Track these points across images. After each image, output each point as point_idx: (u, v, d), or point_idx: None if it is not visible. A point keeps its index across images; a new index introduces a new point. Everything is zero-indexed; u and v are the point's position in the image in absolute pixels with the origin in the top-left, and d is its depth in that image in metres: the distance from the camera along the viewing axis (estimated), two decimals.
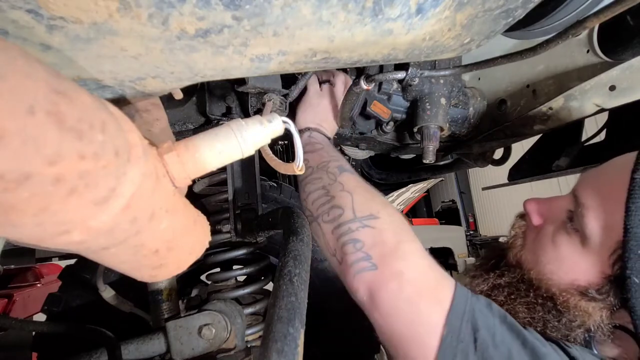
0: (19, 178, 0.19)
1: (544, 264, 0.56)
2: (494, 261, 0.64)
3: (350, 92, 0.71)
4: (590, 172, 0.57)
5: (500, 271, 0.61)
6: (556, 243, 0.55)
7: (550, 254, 0.55)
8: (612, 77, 0.59)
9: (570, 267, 0.53)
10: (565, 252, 0.53)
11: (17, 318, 0.75)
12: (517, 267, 0.60)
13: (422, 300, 0.48)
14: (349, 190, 0.59)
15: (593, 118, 0.71)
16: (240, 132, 0.36)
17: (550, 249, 0.55)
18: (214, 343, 0.65)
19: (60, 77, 0.22)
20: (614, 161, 0.55)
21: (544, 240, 0.57)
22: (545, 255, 0.56)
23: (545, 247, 0.56)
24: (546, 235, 0.57)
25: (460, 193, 10.86)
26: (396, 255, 0.51)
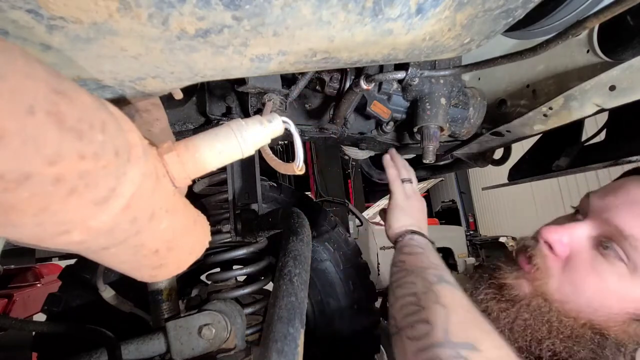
0: (19, 178, 0.19)
1: (589, 297, 0.53)
2: (504, 291, 0.59)
3: (350, 92, 0.71)
4: (613, 200, 0.55)
5: (521, 304, 0.57)
6: (600, 274, 0.52)
7: (595, 286, 0.52)
8: (612, 77, 0.59)
9: (621, 297, 0.52)
10: (613, 283, 0.52)
11: (17, 318, 0.75)
12: (540, 298, 0.56)
13: None
14: (444, 304, 0.49)
15: (593, 118, 0.71)
16: (240, 132, 0.36)
17: (594, 282, 0.52)
18: (214, 343, 0.65)
19: (60, 77, 0.22)
20: (632, 185, 0.55)
21: (583, 272, 0.54)
22: (589, 288, 0.53)
23: (587, 279, 0.53)
24: (583, 267, 0.54)
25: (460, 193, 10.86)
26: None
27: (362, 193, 6.31)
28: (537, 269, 0.56)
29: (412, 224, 0.73)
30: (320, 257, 1.17)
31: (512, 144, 0.96)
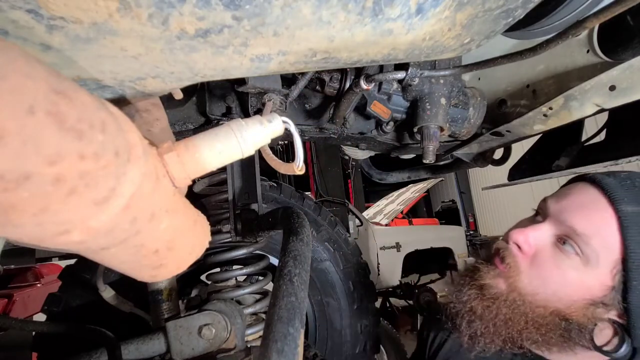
0: (19, 178, 0.19)
1: (553, 288, 0.61)
2: (484, 291, 0.66)
3: (350, 92, 0.71)
4: (567, 204, 0.63)
5: (500, 300, 0.64)
6: (561, 267, 0.60)
7: (557, 278, 0.61)
8: (612, 77, 0.59)
9: (579, 286, 0.59)
10: (571, 274, 0.60)
11: (17, 318, 0.75)
12: (515, 292, 0.63)
13: None
14: None
15: (593, 118, 0.71)
16: (240, 132, 0.36)
17: (557, 274, 0.61)
18: (214, 343, 0.65)
19: (60, 77, 0.22)
20: (580, 191, 0.63)
21: (547, 267, 0.62)
22: (552, 279, 0.61)
23: (550, 272, 0.61)
24: (547, 262, 0.62)
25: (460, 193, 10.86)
26: None
27: (362, 193, 6.31)
28: (510, 267, 0.65)
29: None
30: (320, 257, 1.17)
31: (512, 144, 0.96)
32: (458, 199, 10.92)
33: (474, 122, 0.84)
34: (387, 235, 4.76)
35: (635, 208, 0.57)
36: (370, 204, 7.95)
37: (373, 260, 4.46)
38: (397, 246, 4.68)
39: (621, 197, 0.58)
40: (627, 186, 0.59)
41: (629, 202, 0.57)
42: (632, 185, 0.60)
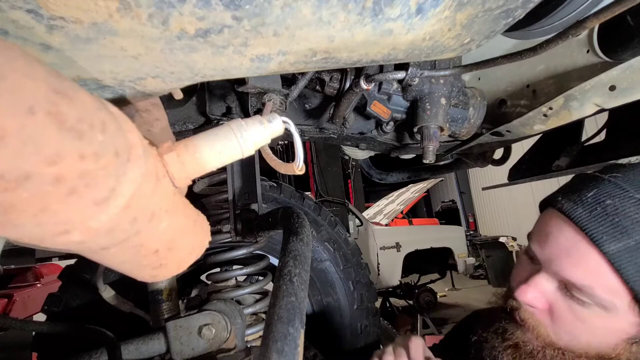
0: (19, 178, 0.19)
1: (586, 340, 0.57)
2: (520, 350, 0.63)
3: (350, 92, 0.71)
4: (549, 248, 0.59)
5: (539, 357, 0.60)
6: (583, 320, 0.56)
7: (585, 330, 0.57)
8: (612, 77, 0.59)
9: (612, 331, 0.56)
10: (597, 323, 0.56)
11: (17, 318, 0.75)
12: (551, 348, 0.60)
13: None
14: None
15: (593, 118, 0.71)
16: (240, 132, 0.36)
17: (582, 326, 0.57)
18: (214, 343, 0.65)
19: (60, 77, 0.22)
20: (559, 231, 0.59)
21: (568, 320, 0.58)
22: (581, 332, 0.57)
23: (575, 325, 0.57)
24: (566, 315, 0.58)
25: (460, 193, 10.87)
26: None
27: (362, 193, 6.32)
28: (533, 326, 0.61)
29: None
30: (320, 257, 1.17)
31: (512, 144, 0.96)
32: (458, 199, 10.92)
33: (474, 122, 0.84)
34: (387, 235, 4.76)
35: (619, 245, 0.52)
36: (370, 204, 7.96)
37: (373, 260, 4.47)
38: (397, 246, 4.68)
39: (599, 237, 0.53)
40: (598, 216, 0.54)
41: (609, 240, 0.52)
42: (603, 213, 0.54)
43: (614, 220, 0.53)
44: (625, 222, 0.52)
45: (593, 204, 0.56)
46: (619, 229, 0.52)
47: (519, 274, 0.67)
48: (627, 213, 0.53)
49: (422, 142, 0.75)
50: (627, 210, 0.53)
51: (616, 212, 0.53)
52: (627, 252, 0.51)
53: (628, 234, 0.52)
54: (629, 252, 0.51)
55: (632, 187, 0.55)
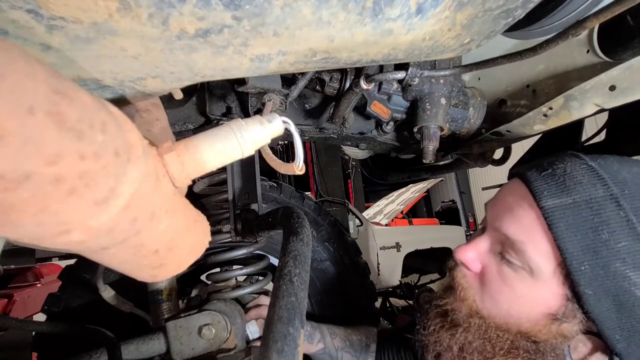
0: (19, 178, 0.19)
1: (507, 307, 0.56)
2: (448, 317, 0.61)
3: (350, 92, 0.71)
4: (497, 208, 0.58)
5: (463, 326, 0.59)
6: (509, 283, 0.55)
7: (508, 295, 0.55)
8: (612, 77, 0.59)
9: (533, 300, 0.54)
10: (521, 289, 0.54)
11: (17, 318, 0.75)
12: (476, 317, 0.58)
13: None
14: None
15: (593, 118, 0.71)
16: (240, 132, 0.36)
17: (507, 291, 0.55)
18: (214, 343, 0.65)
19: (60, 77, 0.22)
20: (509, 191, 0.58)
21: (495, 284, 0.57)
22: (504, 298, 0.56)
23: (501, 290, 0.56)
24: (494, 278, 0.57)
25: (460, 193, 10.87)
26: None
27: (362, 193, 6.32)
28: (462, 288, 0.60)
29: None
30: (320, 257, 1.17)
31: (512, 143, 0.96)
32: (458, 199, 10.92)
33: (474, 122, 0.84)
34: (387, 235, 4.76)
35: (556, 200, 0.50)
36: (370, 204, 7.96)
37: (373, 260, 4.46)
38: (397, 246, 4.68)
39: (540, 191, 0.52)
40: (546, 176, 0.53)
41: (549, 195, 0.51)
42: (551, 174, 0.53)
43: (559, 179, 0.52)
44: (569, 182, 0.51)
45: (546, 167, 0.55)
46: (560, 187, 0.51)
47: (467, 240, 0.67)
48: (574, 175, 0.52)
49: (422, 142, 0.75)
50: (574, 173, 0.52)
51: (563, 174, 0.52)
52: (562, 208, 0.50)
53: (568, 192, 0.50)
54: (564, 209, 0.50)
55: (590, 158, 0.55)
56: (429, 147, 0.75)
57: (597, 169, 0.51)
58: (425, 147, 0.75)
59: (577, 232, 0.48)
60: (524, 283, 0.53)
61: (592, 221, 0.48)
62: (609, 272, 0.47)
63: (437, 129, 0.75)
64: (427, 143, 0.74)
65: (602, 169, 0.51)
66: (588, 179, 0.51)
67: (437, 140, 0.75)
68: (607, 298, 0.48)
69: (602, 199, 0.49)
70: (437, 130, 0.75)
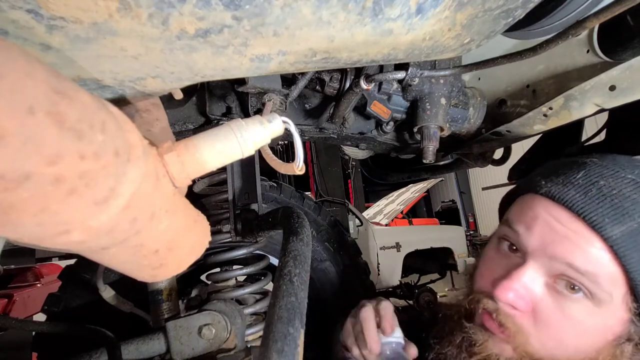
0: (19, 178, 0.19)
1: (572, 344, 0.51)
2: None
3: (350, 92, 0.71)
4: (541, 234, 0.52)
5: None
6: (572, 318, 0.50)
7: (574, 331, 0.50)
8: (612, 77, 0.59)
9: (600, 330, 0.50)
10: (587, 322, 0.50)
11: (17, 318, 0.75)
12: (528, 358, 0.52)
13: None
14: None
15: (593, 118, 0.71)
16: (240, 132, 0.36)
17: (570, 327, 0.50)
18: (214, 343, 0.65)
19: (60, 77, 0.22)
20: (550, 215, 0.52)
21: (556, 321, 0.51)
22: (570, 334, 0.50)
23: (563, 327, 0.50)
24: (553, 315, 0.51)
25: (460, 193, 10.88)
26: None
27: (362, 193, 6.32)
28: (511, 332, 0.53)
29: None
30: (320, 257, 1.17)
31: (512, 144, 0.96)
32: (458, 199, 10.93)
33: (474, 122, 0.84)
34: (387, 235, 4.76)
35: (622, 228, 0.47)
36: (370, 204, 7.96)
37: (373, 260, 4.46)
38: (397, 246, 4.68)
39: (600, 220, 0.48)
40: (595, 198, 0.49)
41: (612, 223, 0.47)
42: (599, 194, 0.49)
43: (613, 202, 0.48)
44: (625, 203, 0.48)
45: (586, 186, 0.50)
46: (619, 211, 0.47)
47: (491, 268, 0.58)
48: (625, 194, 0.48)
49: (422, 142, 0.75)
50: (624, 191, 0.49)
51: (613, 194, 0.49)
52: (630, 236, 0.47)
53: (630, 216, 0.47)
54: (632, 236, 0.47)
55: (619, 168, 0.51)
56: (429, 147, 0.75)
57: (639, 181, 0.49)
58: (425, 147, 0.75)
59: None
60: (591, 315, 0.49)
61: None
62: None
63: (437, 129, 0.75)
64: (427, 143, 0.74)
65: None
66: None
67: (437, 140, 0.75)
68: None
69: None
70: (437, 130, 0.75)
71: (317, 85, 0.77)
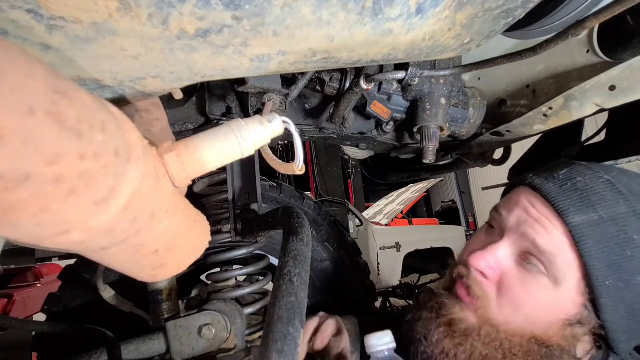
0: (19, 178, 0.19)
1: (526, 313, 0.56)
2: (454, 327, 0.60)
3: (350, 92, 0.71)
4: (520, 214, 0.59)
5: (473, 336, 0.58)
6: (530, 290, 0.56)
7: (530, 302, 0.56)
8: (612, 77, 0.59)
9: (553, 307, 0.55)
10: (542, 296, 0.55)
11: (17, 318, 0.75)
12: (487, 325, 0.58)
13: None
14: None
15: (593, 118, 0.71)
16: (240, 132, 0.36)
17: (529, 298, 0.56)
18: (214, 343, 0.65)
19: (60, 77, 0.22)
20: (529, 201, 0.58)
21: (516, 291, 0.57)
22: (525, 305, 0.56)
23: (520, 297, 0.56)
24: (515, 285, 0.57)
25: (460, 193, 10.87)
26: None
27: (362, 193, 6.32)
28: (478, 298, 0.59)
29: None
30: (320, 257, 1.17)
31: (512, 143, 0.96)
32: (458, 199, 10.92)
33: (474, 122, 0.84)
34: (387, 235, 4.76)
35: (583, 217, 0.52)
36: (370, 204, 7.95)
37: (373, 260, 4.46)
38: (397, 246, 4.68)
39: (566, 208, 0.53)
40: (568, 190, 0.55)
41: (575, 212, 0.53)
42: (573, 187, 0.55)
43: (582, 195, 0.54)
44: (593, 197, 0.53)
45: (564, 180, 0.56)
46: (585, 203, 0.53)
47: (473, 244, 0.66)
48: (596, 189, 0.54)
49: (422, 142, 0.75)
50: (596, 188, 0.54)
51: (585, 188, 0.54)
52: (590, 225, 0.52)
53: (593, 208, 0.52)
54: (591, 225, 0.51)
55: (602, 170, 0.57)
56: (429, 147, 0.75)
57: (615, 183, 0.54)
58: (425, 147, 0.75)
59: (603, 248, 0.51)
60: (547, 290, 0.55)
61: (617, 237, 0.51)
62: (630, 285, 0.50)
63: (437, 129, 0.75)
64: (427, 143, 0.74)
65: (619, 184, 0.54)
66: (610, 194, 0.53)
67: (437, 140, 0.75)
68: (622, 307, 0.51)
69: (626, 215, 0.51)
70: (437, 130, 0.75)
71: (317, 85, 0.77)
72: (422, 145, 0.75)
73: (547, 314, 0.56)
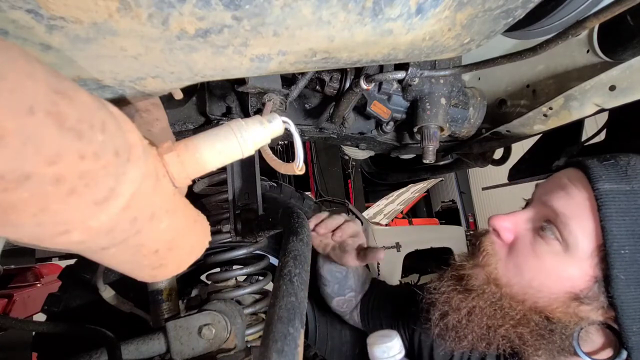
0: (19, 178, 0.19)
1: (530, 277, 0.56)
2: (463, 281, 0.62)
3: (350, 92, 0.71)
4: (550, 186, 0.60)
5: (477, 292, 0.59)
6: (539, 255, 0.55)
7: (535, 265, 0.56)
8: (612, 77, 0.59)
9: (560, 275, 0.54)
10: (550, 261, 0.54)
11: (17, 318, 0.75)
12: (493, 284, 0.59)
13: None
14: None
15: (593, 118, 0.71)
16: (240, 132, 0.36)
17: (535, 262, 0.56)
18: (214, 343, 0.65)
19: (60, 77, 0.22)
20: (565, 173, 0.59)
21: (524, 253, 0.57)
22: (530, 267, 0.56)
23: (527, 260, 0.56)
24: (525, 249, 0.57)
25: (460, 193, 10.86)
26: None
27: (362, 193, 6.31)
28: (487, 254, 0.60)
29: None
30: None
31: (512, 144, 0.96)
32: (458, 199, 10.91)
33: (474, 122, 0.84)
34: (387, 235, 4.75)
35: (614, 185, 0.51)
36: (370, 204, 7.94)
37: None
38: (397, 246, 4.67)
39: (598, 175, 0.52)
40: (608, 165, 0.54)
41: (607, 180, 0.51)
42: (614, 163, 0.54)
43: (621, 169, 0.53)
44: (630, 172, 0.52)
45: (608, 157, 0.56)
46: (621, 175, 0.52)
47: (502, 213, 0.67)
48: (636, 167, 0.53)
49: (422, 142, 0.75)
50: (637, 166, 0.53)
51: (627, 165, 0.53)
52: (617, 193, 0.50)
53: (628, 181, 0.51)
54: (619, 194, 0.50)
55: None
56: (429, 147, 0.75)
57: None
58: (425, 147, 0.75)
59: (626, 217, 0.49)
60: (556, 257, 0.54)
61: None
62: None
63: (437, 129, 0.75)
64: (427, 143, 0.74)
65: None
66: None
67: (437, 140, 0.75)
68: (637, 287, 0.49)
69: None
70: (437, 130, 0.75)
71: (317, 85, 0.77)
72: (422, 145, 0.75)
73: (552, 283, 0.54)
